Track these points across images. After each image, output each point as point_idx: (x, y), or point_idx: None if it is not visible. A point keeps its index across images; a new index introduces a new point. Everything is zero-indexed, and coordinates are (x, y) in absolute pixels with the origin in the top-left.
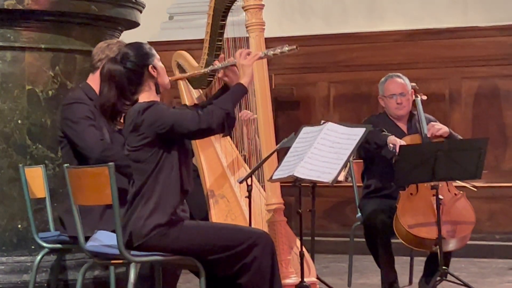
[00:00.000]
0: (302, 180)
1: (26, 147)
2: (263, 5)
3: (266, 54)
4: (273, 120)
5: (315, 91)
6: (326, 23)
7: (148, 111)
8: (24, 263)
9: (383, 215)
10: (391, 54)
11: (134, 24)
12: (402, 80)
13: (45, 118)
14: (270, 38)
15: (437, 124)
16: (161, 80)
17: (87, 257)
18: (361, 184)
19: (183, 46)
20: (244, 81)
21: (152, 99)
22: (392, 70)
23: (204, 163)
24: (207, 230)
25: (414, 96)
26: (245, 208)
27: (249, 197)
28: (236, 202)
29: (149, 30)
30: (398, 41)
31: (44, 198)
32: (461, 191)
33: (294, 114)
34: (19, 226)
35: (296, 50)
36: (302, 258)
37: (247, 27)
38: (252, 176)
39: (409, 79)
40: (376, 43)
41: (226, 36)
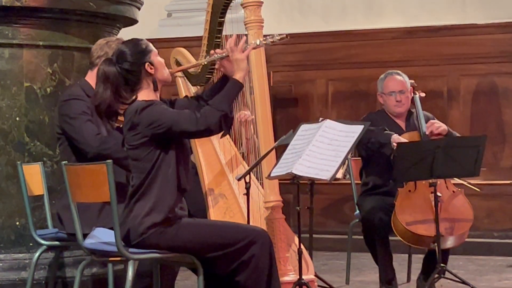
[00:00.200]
0: (300, 177)
1: (24, 144)
2: (262, 2)
3: (258, 44)
4: (271, 118)
5: (313, 88)
6: (324, 21)
7: (146, 110)
8: (22, 260)
9: (381, 212)
10: (390, 52)
11: (132, 21)
12: (401, 78)
13: (43, 115)
14: (269, 35)
15: (436, 122)
16: (160, 75)
17: (85, 254)
18: (359, 182)
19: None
20: (239, 76)
21: (151, 97)
22: (391, 68)
23: (203, 160)
24: (205, 227)
25: (412, 93)
26: (243, 205)
27: (247, 194)
28: (235, 200)
29: (147, 27)
30: (396, 38)
31: (42, 195)
32: (459, 188)
33: (292, 111)
34: (17, 223)
35: (286, 38)
36: (300, 255)
37: (245, 24)
38: (251, 173)
39: (407, 76)
40: (375, 40)
41: (224, 33)
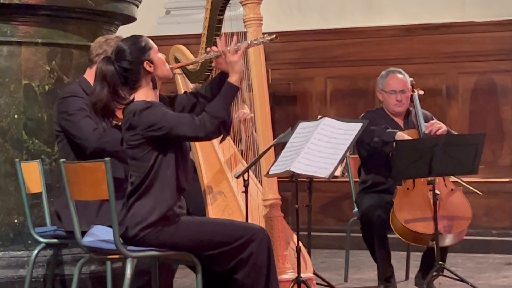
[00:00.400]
0: (299, 175)
1: (23, 142)
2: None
3: (250, 44)
4: (270, 115)
5: (312, 86)
6: (323, 18)
7: (146, 112)
8: (21, 258)
9: (379, 210)
10: (388, 49)
11: (131, 19)
12: (403, 77)
13: (41, 113)
14: (268, 33)
15: (436, 122)
16: (160, 72)
17: (83, 252)
18: (357, 179)
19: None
20: (234, 79)
21: (150, 96)
22: (389, 65)
23: (202, 158)
24: (204, 225)
25: (411, 91)
26: (242, 203)
27: (245, 192)
28: (233, 197)
29: (146, 25)
30: (395, 36)
31: (41, 193)
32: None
33: (291, 109)
34: (16, 221)
35: (276, 39)
36: (298, 253)
37: (244, 22)
38: (249, 171)
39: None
40: (373, 38)
41: (223, 30)
